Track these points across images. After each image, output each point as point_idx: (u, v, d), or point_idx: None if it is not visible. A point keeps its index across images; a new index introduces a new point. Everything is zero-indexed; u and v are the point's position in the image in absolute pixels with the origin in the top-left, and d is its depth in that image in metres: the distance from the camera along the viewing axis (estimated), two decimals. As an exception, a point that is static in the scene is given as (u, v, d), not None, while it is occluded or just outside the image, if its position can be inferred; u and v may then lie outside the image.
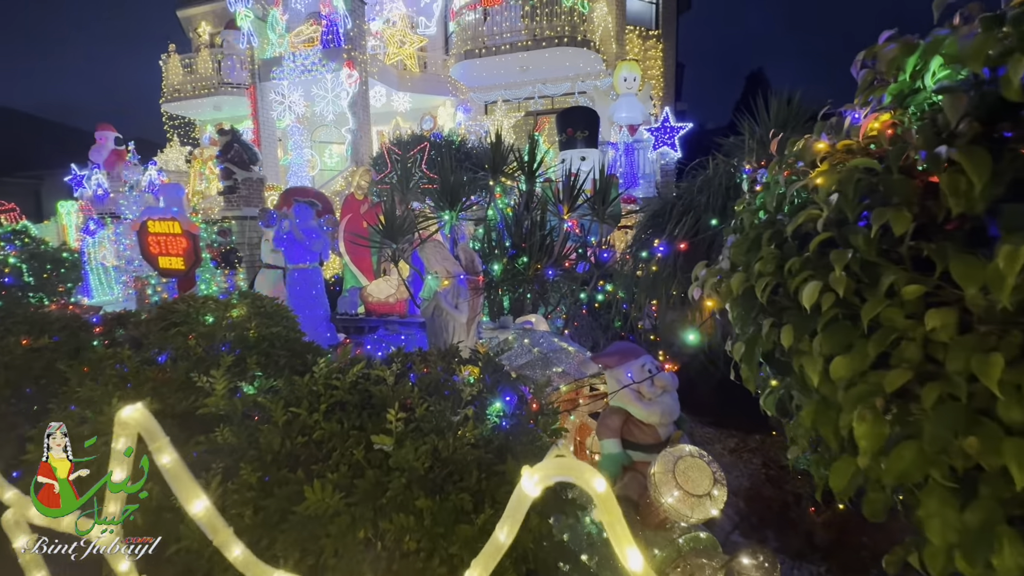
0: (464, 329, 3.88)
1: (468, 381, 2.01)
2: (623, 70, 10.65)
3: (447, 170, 3.98)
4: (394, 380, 1.81)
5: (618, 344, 2.41)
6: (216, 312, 3.81)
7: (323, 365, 1.92)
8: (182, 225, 4.39)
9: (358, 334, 6.16)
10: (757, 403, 3.69)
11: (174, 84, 13.88)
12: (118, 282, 9.85)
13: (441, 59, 14.03)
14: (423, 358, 2.17)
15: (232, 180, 8.89)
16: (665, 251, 3.63)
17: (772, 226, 1.17)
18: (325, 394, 1.80)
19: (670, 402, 2.20)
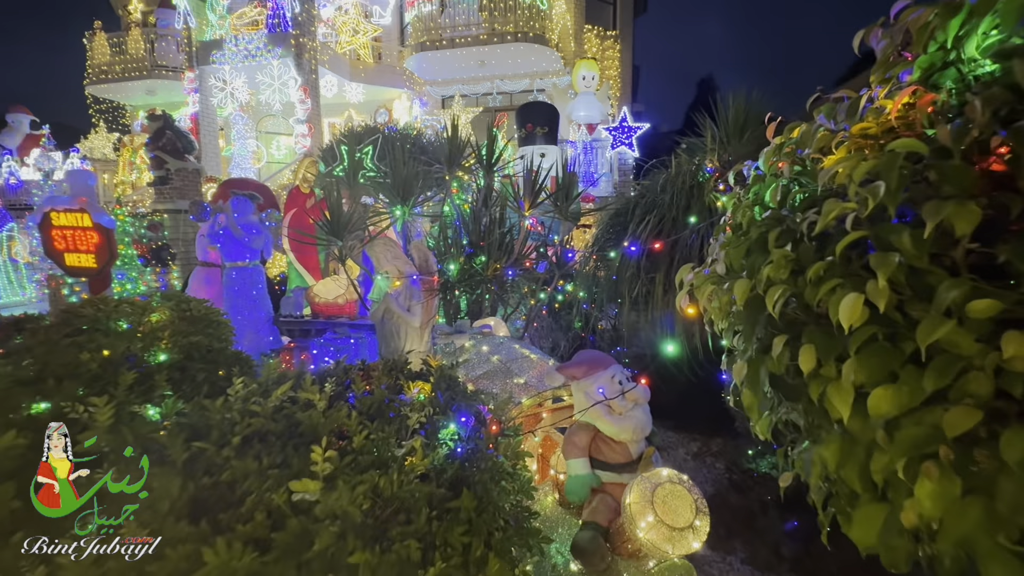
0: (417, 334, 3.57)
1: (418, 400, 1.73)
2: (582, 68, 10.55)
3: (399, 162, 3.66)
4: (326, 404, 1.50)
5: (585, 353, 2.19)
6: (132, 317, 3.33)
7: (239, 386, 1.59)
8: (93, 217, 3.84)
9: (304, 337, 5.70)
10: (719, 405, 3.60)
11: (100, 65, 12.65)
12: (30, 280, 8.83)
13: (396, 50, 13.50)
14: (365, 373, 1.87)
15: (164, 170, 8.14)
16: (637, 251, 3.47)
17: (780, 223, 0.97)
18: (241, 422, 1.48)
19: (642, 416, 2.01)
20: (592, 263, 4.57)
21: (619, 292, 4.10)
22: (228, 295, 5.61)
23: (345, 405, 1.57)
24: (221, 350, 2.48)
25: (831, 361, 0.82)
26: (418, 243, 3.65)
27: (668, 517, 1.49)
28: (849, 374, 0.78)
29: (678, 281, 1.42)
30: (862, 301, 0.74)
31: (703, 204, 3.70)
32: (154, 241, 7.71)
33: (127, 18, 13.40)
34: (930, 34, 0.89)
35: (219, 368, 2.36)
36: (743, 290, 0.95)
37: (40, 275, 8.12)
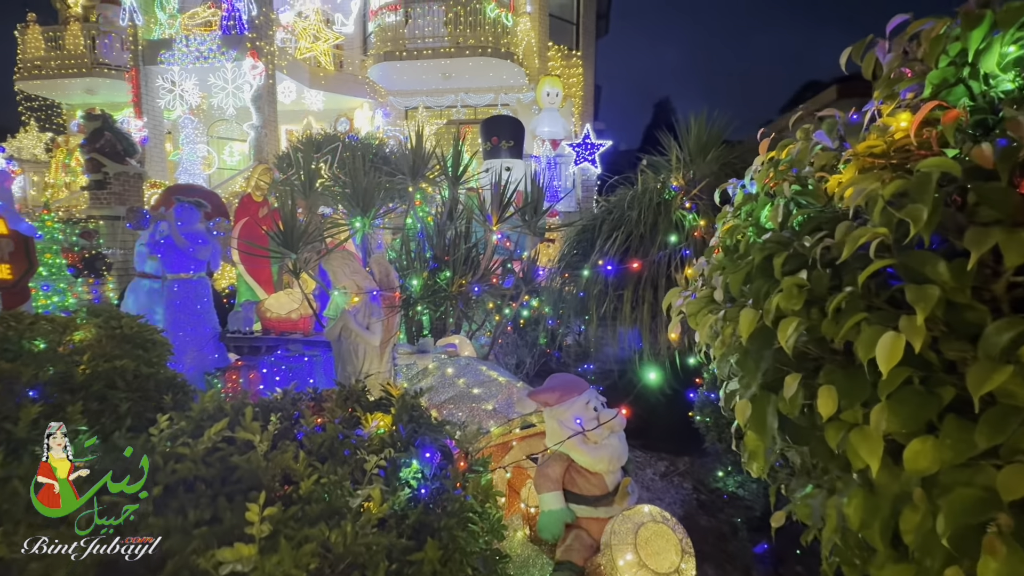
0: (377, 354, 3.35)
1: (377, 434, 1.55)
2: (546, 84, 10.63)
3: (360, 171, 3.46)
4: (269, 445, 1.30)
5: (557, 377, 2.06)
6: (51, 335, 2.95)
7: (165, 424, 1.36)
8: (8, 223, 3.42)
9: (253, 355, 5.30)
10: (685, 423, 3.54)
11: (34, 60, 11.70)
12: (-60, 291, 7.92)
13: (359, 59, 13.22)
14: (317, 404, 1.67)
15: (101, 174, 7.54)
16: (614, 270, 3.39)
17: (785, 247, 0.88)
18: (164, 468, 1.25)
19: (618, 445, 1.89)
20: (559, 279, 4.49)
21: (586, 308, 4.03)
22: (169, 309, 5.17)
23: (292, 445, 1.37)
24: (151, 375, 2.19)
25: (856, 405, 0.72)
26: (378, 256, 3.45)
27: (651, 560, 1.36)
28: (879, 422, 0.68)
29: (666, 306, 1.32)
30: (903, 342, 0.64)
31: (670, 221, 3.69)
32: (87, 250, 7.08)
33: (65, 12, 12.51)
34: (943, 49, 0.83)
35: (148, 396, 2.08)
36: (749, 321, 0.85)
37: (-49, 285, 7.29)
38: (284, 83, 11.52)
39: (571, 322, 4.67)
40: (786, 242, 0.89)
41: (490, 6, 10.82)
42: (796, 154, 1.06)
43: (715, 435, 2.89)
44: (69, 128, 12.32)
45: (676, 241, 3.35)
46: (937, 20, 0.86)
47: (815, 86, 27.39)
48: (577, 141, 9.57)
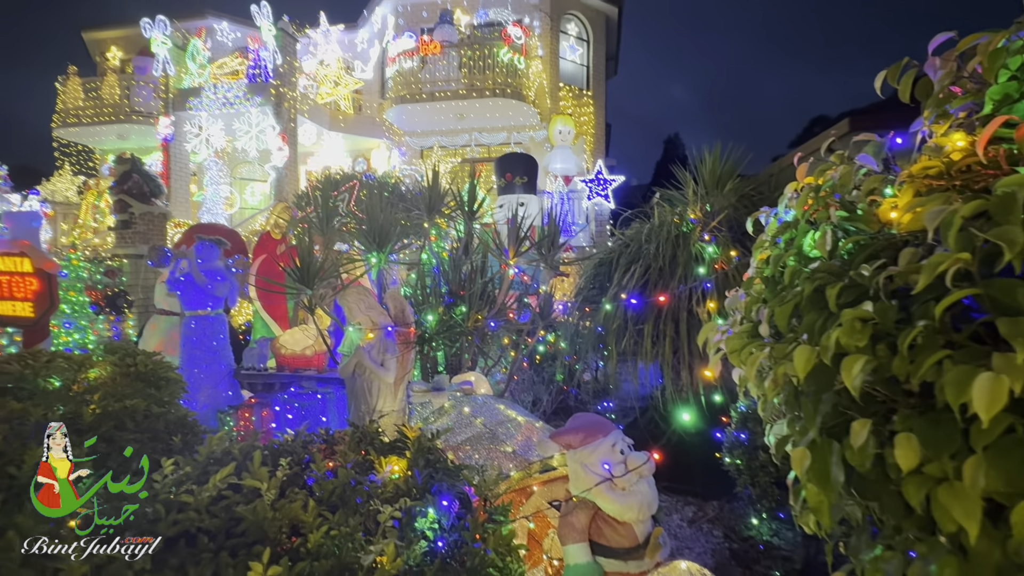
0: (391, 391, 3.26)
1: (391, 480, 1.45)
2: (558, 123, 10.85)
3: (375, 207, 3.47)
4: (277, 493, 1.21)
5: (580, 417, 1.95)
6: (66, 373, 2.94)
7: (169, 469, 1.29)
8: (34, 262, 3.48)
9: (267, 392, 5.24)
10: (713, 465, 3.35)
11: (72, 108, 12.37)
12: (-33, 330, 8.09)
13: (377, 102, 13.71)
14: (329, 447, 1.58)
15: (128, 214, 7.77)
16: (639, 304, 3.31)
17: (839, 277, 0.80)
18: (165, 519, 1.17)
19: (648, 491, 1.75)
20: (576, 314, 4.40)
21: (604, 343, 3.92)
22: (186, 346, 5.17)
23: (301, 492, 1.28)
24: (161, 415, 2.14)
25: (944, 457, 0.63)
26: (394, 292, 3.41)
27: (694, 627, 1.22)
28: (975, 478, 0.58)
29: (702, 341, 1.23)
30: (1005, 384, 0.55)
31: (690, 254, 3.62)
32: (110, 287, 7.22)
33: (104, 64, 13.30)
34: (1003, 63, 0.77)
35: (157, 437, 2.02)
36: (805, 359, 0.76)
37: (-22, 324, 7.44)
38: (305, 126, 11.94)
39: (588, 358, 4.54)
40: (838, 272, 0.81)
41: (503, 50, 11.22)
42: (838, 179, 0.99)
43: (747, 479, 2.70)
44: (100, 172, 12.86)
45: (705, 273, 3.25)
46: (993, 34, 0.81)
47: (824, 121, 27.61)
48: (590, 177, 9.66)
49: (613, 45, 15.03)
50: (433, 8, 12.95)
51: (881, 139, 1.06)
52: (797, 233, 1.03)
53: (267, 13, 10.74)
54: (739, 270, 3.46)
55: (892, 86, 1.12)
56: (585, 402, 5.47)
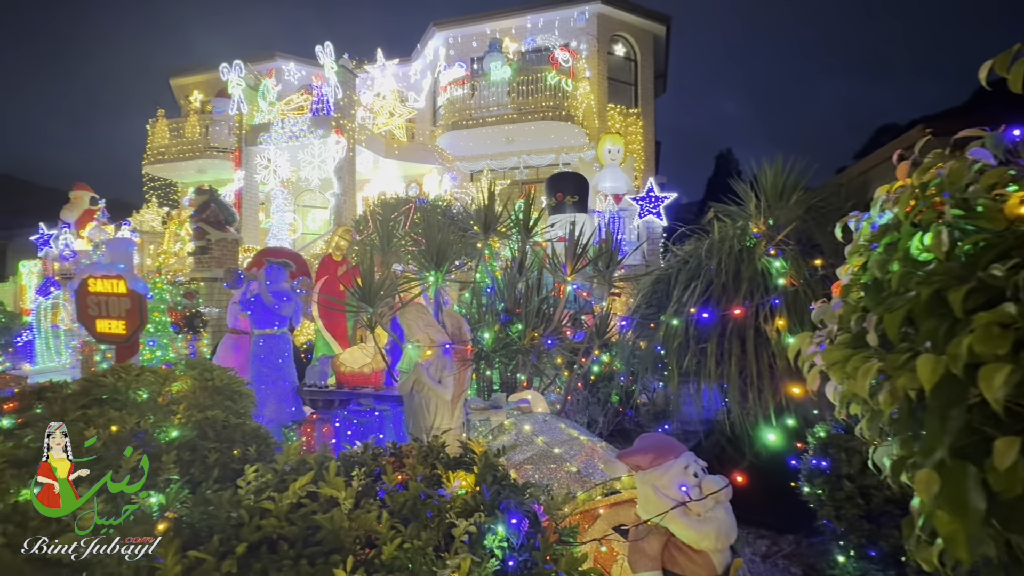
0: (448, 409, 3.28)
1: (458, 495, 1.44)
2: (607, 143, 10.84)
3: (433, 228, 3.57)
4: (353, 503, 1.23)
5: (649, 437, 1.87)
6: (153, 386, 3.15)
7: (252, 476, 1.34)
8: (128, 283, 3.82)
9: (327, 408, 5.42)
10: (788, 494, 3.11)
11: (159, 147, 13.69)
12: (67, 347, 8.94)
13: (429, 130, 14.26)
14: (397, 459, 1.59)
15: (205, 240, 8.41)
16: (710, 318, 3.19)
17: (963, 280, 0.72)
18: (249, 524, 1.21)
19: (726, 518, 1.64)
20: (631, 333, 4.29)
21: (665, 363, 3.78)
22: (255, 363, 5.45)
23: (375, 504, 1.29)
24: (238, 426, 2.24)
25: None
26: (450, 310, 3.46)
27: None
28: None
29: (793, 354, 1.15)
30: None
31: (755, 269, 3.45)
32: (188, 308, 7.79)
33: (187, 106, 14.67)
34: None
35: (234, 447, 2.11)
36: (931, 370, 0.69)
37: (77, 341, 8.21)
38: (362, 155, 12.57)
39: (646, 378, 4.40)
40: (962, 274, 0.73)
41: (550, 74, 11.42)
42: (946, 176, 0.91)
43: (830, 511, 2.48)
44: (181, 203, 14.03)
45: (781, 285, 3.09)
46: None
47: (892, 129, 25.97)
48: (640, 195, 9.53)
49: (661, 63, 14.96)
50: (482, 38, 13.43)
51: (992, 133, 0.97)
52: (900, 236, 0.95)
53: (330, 52, 11.50)
54: (811, 285, 3.26)
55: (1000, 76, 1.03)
56: (642, 424, 5.27)
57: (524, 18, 13.22)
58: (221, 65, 12.83)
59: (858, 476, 2.35)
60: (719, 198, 4.40)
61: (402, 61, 14.81)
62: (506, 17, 13.36)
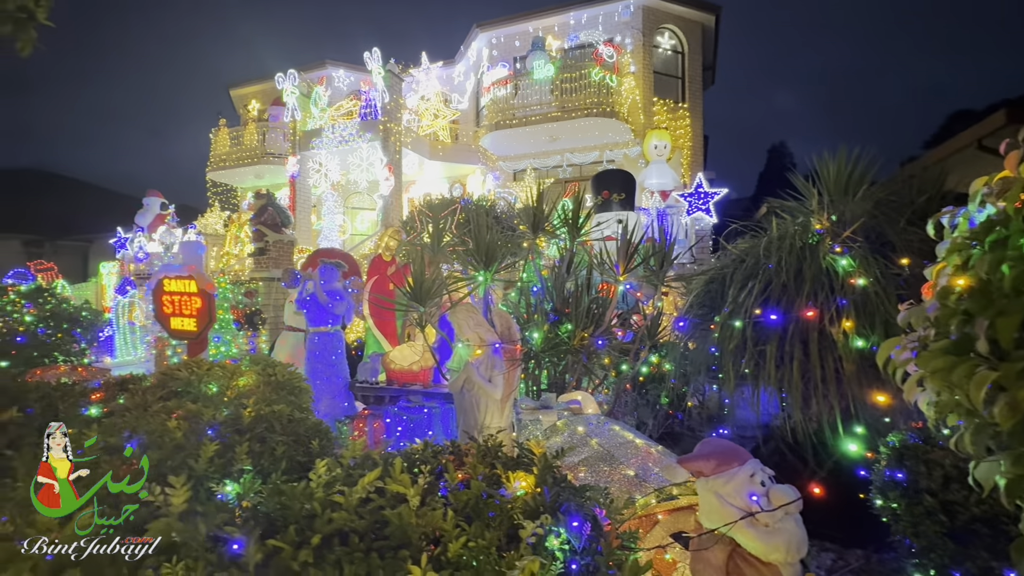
0: (498, 407, 3.31)
1: (518, 495, 1.44)
2: (653, 138, 10.59)
3: (482, 228, 3.60)
4: (420, 500, 1.26)
5: (712, 443, 1.81)
6: (221, 380, 3.35)
7: (323, 469, 1.39)
8: (198, 284, 4.08)
9: (378, 405, 5.60)
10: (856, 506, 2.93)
11: (220, 154, 14.54)
12: (143, 342, 9.66)
13: (472, 130, 14.41)
14: (457, 457, 1.62)
15: (263, 242, 8.85)
16: (777, 320, 3.07)
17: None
18: (321, 516, 1.26)
19: (797, 531, 1.57)
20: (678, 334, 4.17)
21: (719, 365, 3.65)
22: (310, 360, 5.70)
23: (439, 501, 1.31)
24: (302, 420, 2.34)
25: None
26: (499, 310, 3.48)
27: None
28: None
29: (881, 359, 1.08)
30: None
31: (819, 267, 3.27)
32: (248, 307, 8.22)
33: (246, 115, 15.49)
34: None
35: (299, 440, 2.21)
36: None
37: (151, 337, 8.85)
38: (408, 157, 12.86)
39: (699, 381, 4.26)
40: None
41: (594, 70, 11.27)
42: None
43: (907, 527, 2.32)
44: (241, 207, 14.84)
45: (848, 285, 2.93)
46: None
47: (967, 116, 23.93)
48: (689, 191, 9.25)
49: (710, 54, 14.46)
50: (525, 37, 13.43)
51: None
52: (1011, 233, 0.87)
53: (377, 57, 11.83)
54: (882, 285, 3.06)
55: None
56: (693, 428, 5.12)
57: (567, 15, 13.11)
58: (276, 75, 13.45)
59: (940, 490, 2.18)
60: (774, 193, 4.20)
61: (446, 63, 15.04)
62: (549, 15, 13.30)
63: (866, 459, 3.00)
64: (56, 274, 12.36)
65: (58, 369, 5.03)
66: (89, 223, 24.88)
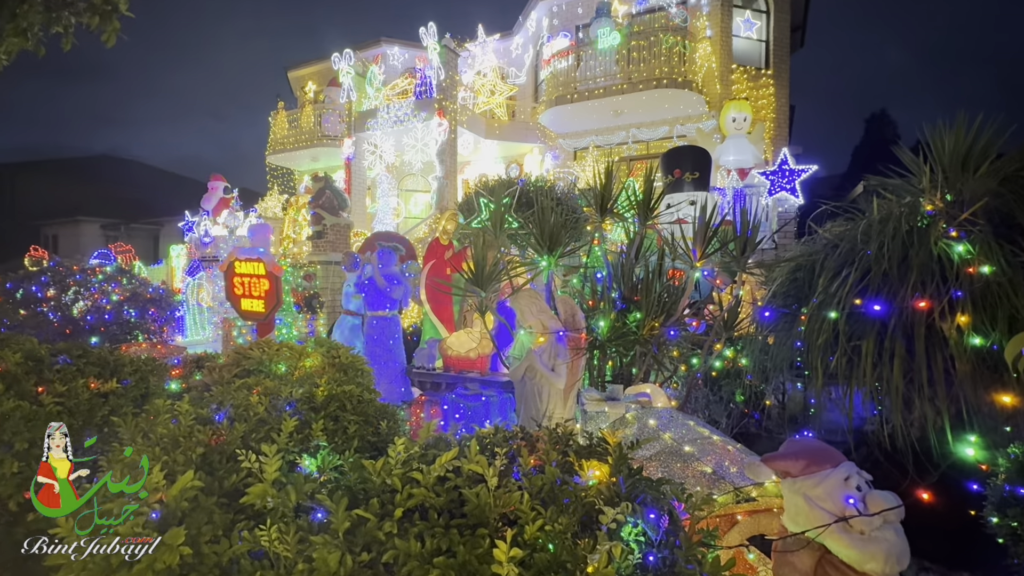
0: (561, 398, 3.38)
1: (591, 485, 1.49)
2: (731, 110, 10.13)
3: (546, 210, 3.64)
4: (497, 480, 1.34)
5: (799, 442, 1.78)
6: (289, 361, 3.63)
7: (401, 447, 1.51)
8: (266, 266, 4.41)
9: (434, 391, 5.84)
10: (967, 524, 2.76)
11: (279, 138, 15.39)
12: (210, 323, 10.54)
13: (530, 107, 14.37)
14: (528, 443, 1.69)
15: (321, 225, 9.35)
16: (879, 312, 2.94)
17: None
18: (402, 491, 1.37)
19: (897, 540, 1.52)
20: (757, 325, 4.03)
21: (806, 362, 3.50)
22: (368, 343, 6.02)
23: (514, 485, 1.39)
24: (371, 401, 2.52)
25: None
26: (565, 297, 3.52)
27: None
28: None
29: (1011, 356, 1.03)
30: None
31: (928, 254, 3.05)
32: (307, 290, 8.76)
33: (303, 97, 16.27)
34: None
35: (368, 421, 2.38)
36: None
37: (217, 318, 9.64)
38: (463, 136, 13.04)
39: (780, 378, 4.11)
40: None
41: (665, 36, 10.87)
42: None
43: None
44: (298, 190, 15.70)
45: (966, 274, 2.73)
46: None
47: None
48: (771, 169, 8.79)
49: (799, 13, 13.52)
50: (588, 3, 13.13)
51: None
52: None
53: (433, 32, 12.02)
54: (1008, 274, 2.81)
55: None
56: (771, 430, 4.96)
57: (635, -24, 12.69)
58: (332, 55, 14.00)
59: (1072, 510, 2.02)
60: (872, 169, 3.94)
61: (503, 36, 15.02)
62: (615, -23, 12.93)
63: (980, 471, 2.80)
64: (134, 256, 13.68)
65: (140, 346, 5.64)
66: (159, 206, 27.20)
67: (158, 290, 6.99)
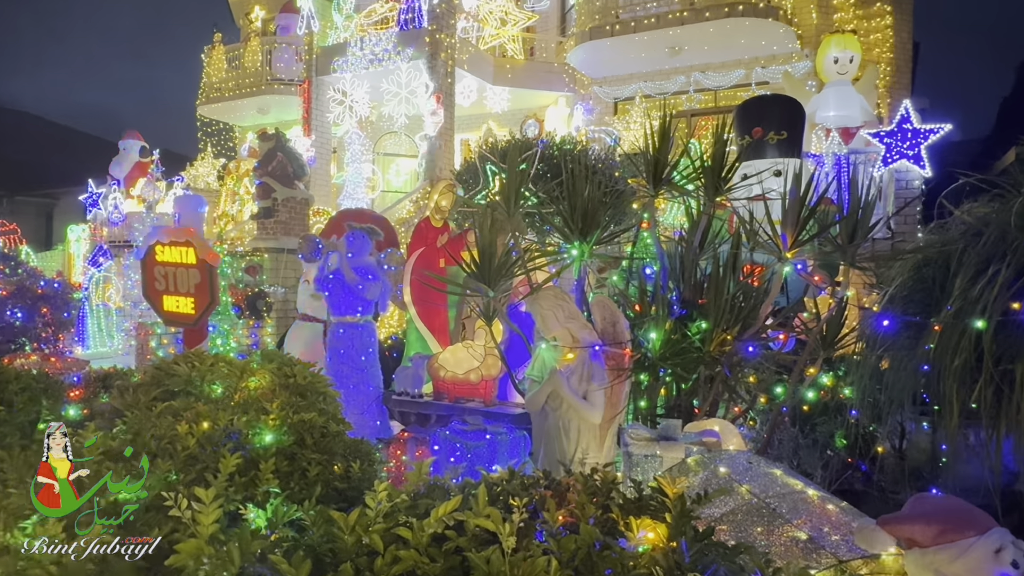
0: (596, 436, 3.38)
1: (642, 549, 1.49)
2: (832, 48, 10.08)
3: (578, 181, 3.64)
4: (515, 541, 1.34)
5: (929, 500, 1.78)
6: (228, 380, 3.66)
7: (383, 495, 1.51)
8: (198, 253, 4.46)
9: (420, 426, 5.86)
10: None
11: (215, 83, 15.55)
12: (119, 329, 10.68)
13: (555, 42, 14.40)
14: (556, 493, 1.69)
15: (271, 199, 9.43)
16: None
17: None
18: (385, 554, 1.38)
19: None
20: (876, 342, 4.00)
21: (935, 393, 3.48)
22: (332, 360, 6.04)
23: (538, 548, 1.39)
24: (338, 435, 2.53)
25: None
26: (603, 299, 3.52)
27: None
28: None
29: None
30: None
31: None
32: (251, 287, 8.84)
33: (247, 28, 16.45)
34: None
35: (334, 460, 2.39)
36: None
37: (129, 323, 9.76)
38: (463, 81, 13.08)
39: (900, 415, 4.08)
40: None
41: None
42: None
43: None
44: (240, 153, 15.87)
45: None
46: None
47: None
48: (887, 129, 8.73)
49: (929, -86, 13.40)
50: (636, -100, 13.14)
51: None
52: None
53: (424, -62, 12.10)
54: None
55: None
56: (884, 487, 4.92)
57: None
58: (288, -33, 14.14)
59: None
60: (1023, 129, 3.93)
61: (520, -55, 15.09)
62: None
63: None
64: (20, 238, 13.91)
65: (28, 358, 5.74)
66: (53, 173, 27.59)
67: (52, 284, 7.10)
